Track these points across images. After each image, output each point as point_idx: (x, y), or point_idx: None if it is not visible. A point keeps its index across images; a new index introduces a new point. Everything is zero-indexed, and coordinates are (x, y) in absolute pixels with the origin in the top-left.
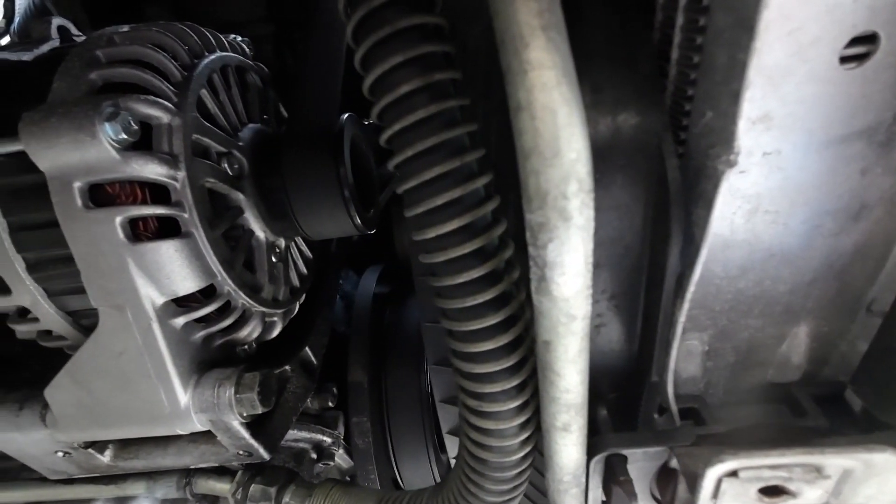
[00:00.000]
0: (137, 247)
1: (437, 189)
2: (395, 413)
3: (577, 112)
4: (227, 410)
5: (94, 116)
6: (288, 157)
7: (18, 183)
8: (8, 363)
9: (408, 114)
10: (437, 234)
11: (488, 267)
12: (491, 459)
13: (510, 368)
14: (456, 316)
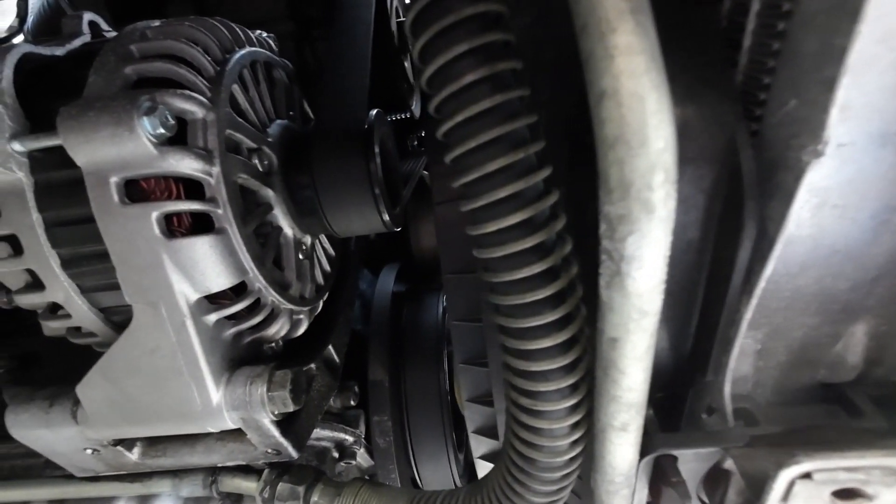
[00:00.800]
0: (173, 243)
1: (498, 182)
2: (415, 412)
3: (665, 99)
4: (259, 408)
5: (132, 111)
6: (318, 154)
7: (54, 178)
8: (33, 361)
9: (471, 104)
10: (498, 228)
11: (548, 263)
12: (540, 459)
13: (566, 367)
14: (512, 312)
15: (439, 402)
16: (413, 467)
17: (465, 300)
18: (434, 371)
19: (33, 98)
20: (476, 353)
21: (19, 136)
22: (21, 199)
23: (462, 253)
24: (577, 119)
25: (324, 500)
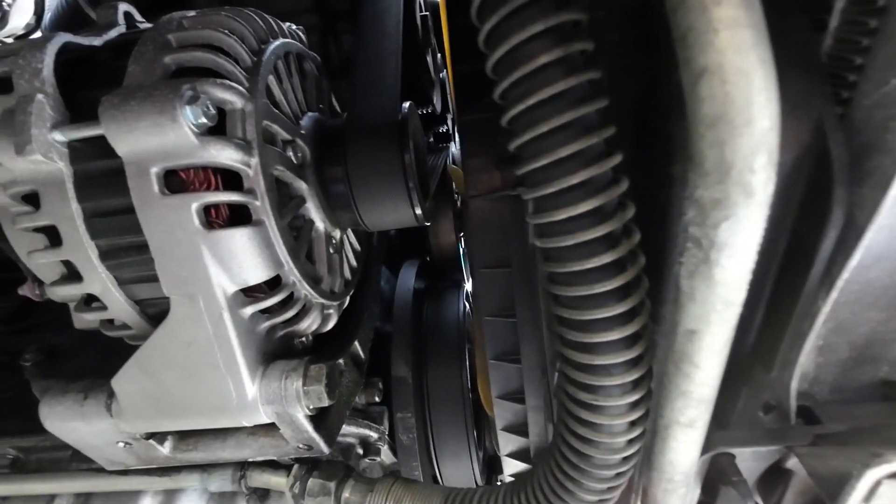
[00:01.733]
0: (212, 234)
1: (569, 168)
2: (437, 409)
3: (772, 76)
4: (294, 403)
5: (174, 100)
6: (352, 146)
7: (93, 168)
8: (59, 354)
9: (544, 86)
10: (568, 215)
11: (616, 253)
12: (596, 456)
13: (629, 362)
14: (575, 304)
15: (462, 400)
16: (434, 465)
17: (497, 295)
18: (456, 368)
19: (72, 88)
20: (508, 349)
21: (60, 126)
22: (61, 189)
23: (495, 247)
24: (643, 104)
25: (355, 497)
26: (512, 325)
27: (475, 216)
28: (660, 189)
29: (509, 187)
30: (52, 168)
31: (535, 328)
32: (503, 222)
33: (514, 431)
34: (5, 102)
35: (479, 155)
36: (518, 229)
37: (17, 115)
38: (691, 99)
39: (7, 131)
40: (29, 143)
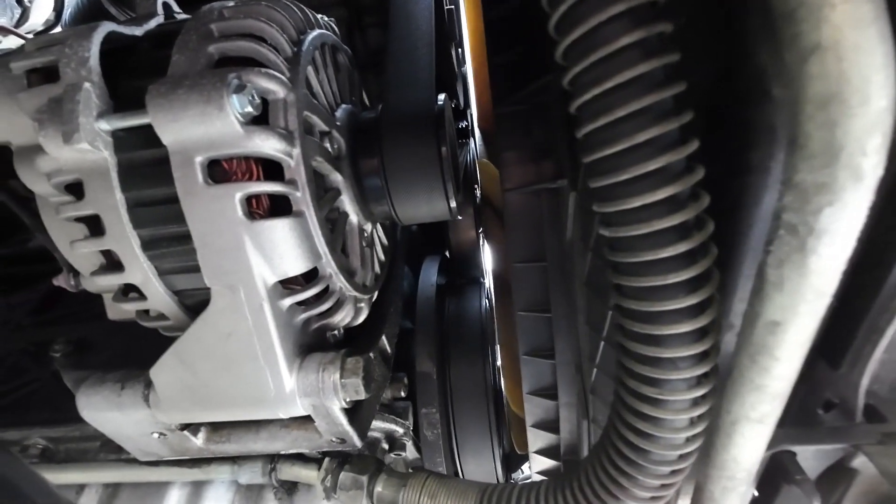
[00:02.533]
0: (254, 225)
1: (645, 155)
2: (460, 406)
3: (892, 52)
4: (332, 395)
5: (221, 88)
6: (388, 138)
7: (136, 158)
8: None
9: (623, 70)
10: (643, 203)
11: (689, 244)
12: (655, 452)
13: (697, 356)
14: (644, 295)
15: (485, 397)
16: (456, 461)
17: (531, 290)
18: (480, 365)
19: (115, 77)
20: (541, 345)
21: (105, 115)
22: (105, 178)
23: (530, 241)
24: (715, 90)
25: (388, 491)
26: (546, 320)
27: (510, 209)
28: (733, 178)
29: (546, 180)
30: (97, 157)
31: (570, 324)
32: (539, 216)
33: (544, 428)
34: (51, 91)
35: (514, 147)
36: (554, 223)
37: (65, 104)
38: (799, 78)
39: (55, 120)
40: (77, 132)
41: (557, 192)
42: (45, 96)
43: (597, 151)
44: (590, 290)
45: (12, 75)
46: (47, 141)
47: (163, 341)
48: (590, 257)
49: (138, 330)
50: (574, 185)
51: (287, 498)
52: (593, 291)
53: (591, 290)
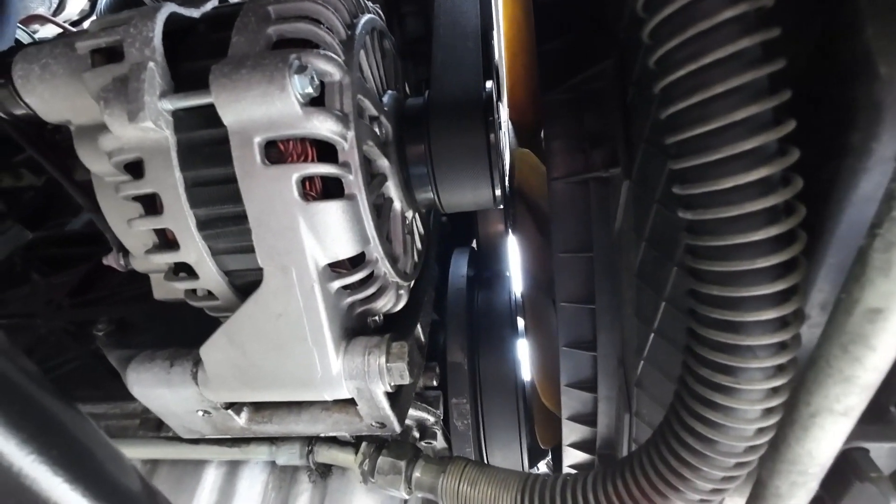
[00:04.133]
0: (310, 206)
1: (739, 134)
2: (489, 397)
3: None
4: (376, 379)
5: (284, 69)
6: (435, 124)
7: (195, 138)
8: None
9: (721, 46)
10: (735, 184)
11: (780, 228)
12: (723, 442)
13: (779, 345)
14: (727, 280)
15: (514, 389)
16: (483, 452)
17: (575, 281)
18: (509, 357)
19: (175, 58)
20: (581, 337)
21: (167, 95)
22: (166, 157)
23: (576, 232)
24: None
25: (427, 477)
26: (589, 312)
27: (556, 199)
28: (825, 161)
29: (596, 169)
30: (158, 136)
31: (614, 316)
32: (586, 206)
33: (580, 421)
34: (115, 71)
35: (563, 136)
36: (602, 213)
37: (131, 83)
38: None
39: (120, 98)
40: (142, 111)
41: (607, 181)
42: (109, 75)
43: (686, 131)
44: (641, 281)
45: (77, 55)
46: (112, 119)
47: (203, 322)
48: (643, 247)
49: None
50: (628, 173)
51: (321, 481)
52: (645, 282)
53: (643, 281)
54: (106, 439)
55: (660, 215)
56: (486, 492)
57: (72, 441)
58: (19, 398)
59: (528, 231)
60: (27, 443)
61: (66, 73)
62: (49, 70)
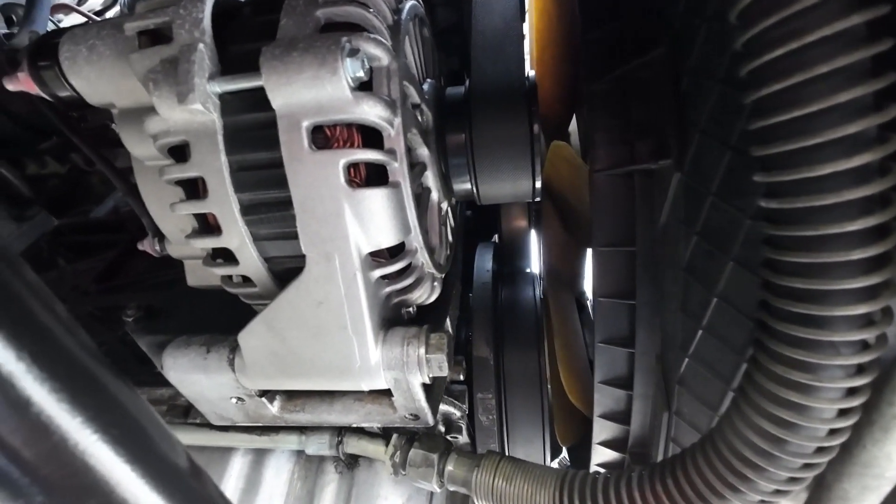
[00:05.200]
0: (356, 193)
1: (840, 118)
2: (514, 393)
3: None
4: (415, 370)
5: (336, 52)
6: (477, 113)
7: (241, 122)
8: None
9: (827, 23)
10: (831, 171)
11: (877, 219)
12: (793, 441)
13: (864, 342)
14: (814, 273)
15: (539, 385)
16: (506, 448)
17: (614, 276)
18: (534, 352)
19: (222, 40)
20: (618, 333)
21: (216, 77)
22: (212, 141)
23: (618, 225)
24: None
25: (460, 471)
26: (628, 307)
27: (598, 192)
28: None
29: (643, 161)
30: (205, 119)
31: (654, 312)
32: (629, 199)
33: (612, 419)
34: (163, 52)
35: (607, 127)
36: (646, 207)
37: (181, 64)
38: None
39: (169, 80)
40: (192, 92)
41: (652, 173)
42: (156, 57)
43: (779, 114)
44: (689, 275)
45: (124, 37)
46: (161, 101)
47: (232, 309)
48: (694, 241)
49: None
50: (679, 165)
51: (347, 472)
52: (694, 277)
53: (692, 275)
54: (156, 416)
55: (715, 208)
56: (523, 488)
57: (130, 420)
58: (84, 375)
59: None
60: (91, 421)
61: (113, 55)
62: (96, 51)
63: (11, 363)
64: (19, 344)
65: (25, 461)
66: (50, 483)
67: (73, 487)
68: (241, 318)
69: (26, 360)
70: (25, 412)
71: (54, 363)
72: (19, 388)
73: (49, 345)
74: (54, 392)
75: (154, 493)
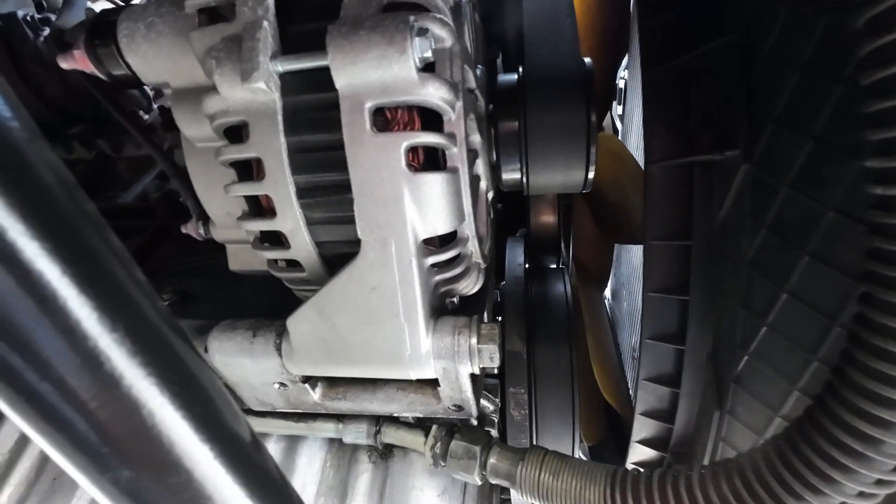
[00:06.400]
0: (416, 177)
1: None
2: (544, 389)
3: None
4: (466, 360)
5: (405, 31)
6: (533, 100)
7: (301, 102)
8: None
9: None
10: None
11: None
12: (889, 441)
13: None
14: None
15: (570, 382)
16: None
17: (667, 270)
18: (565, 349)
19: (283, 19)
20: (667, 330)
21: (278, 56)
22: (272, 121)
23: (673, 218)
24: None
25: (503, 464)
26: (679, 303)
27: (653, 184)
28: None
29: (703, 152)
30: (266, 99)
31: (708, 308)
32: (687, 191)
33: (655, 417)
34: (224, 30)
35: (664, 118)
36: (705, 200)
37: (245, 42)
38: None
39: (232, 58)
40: (256, 70)
41: (714, 164)
42: (217, 35)
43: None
44: (754, 271)
45: (184, 14)
46: (223, 79)
47: (268, 294)
48: (762, 235)
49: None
50: (748, 156)
51: (381, 461)
52: (760, 273)
53: (757, 271)
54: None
55: (790, 200)
56: (571, 483)
57: (206, 394)
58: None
59: (584, 221)
60: (176, 398)
61: (172, 33)
62: (155, 29)
63: (105, 338)
64: (114, 317)
65: (114, 437)
66: (136, 459)
67: (157, 464)
68: (277, 304)
69: (120, 333)
70: (116, 388)
71: (145, 336)
72: (113, 363)
73: (139, 316)
74: (143, 367)
75: (229, 474)
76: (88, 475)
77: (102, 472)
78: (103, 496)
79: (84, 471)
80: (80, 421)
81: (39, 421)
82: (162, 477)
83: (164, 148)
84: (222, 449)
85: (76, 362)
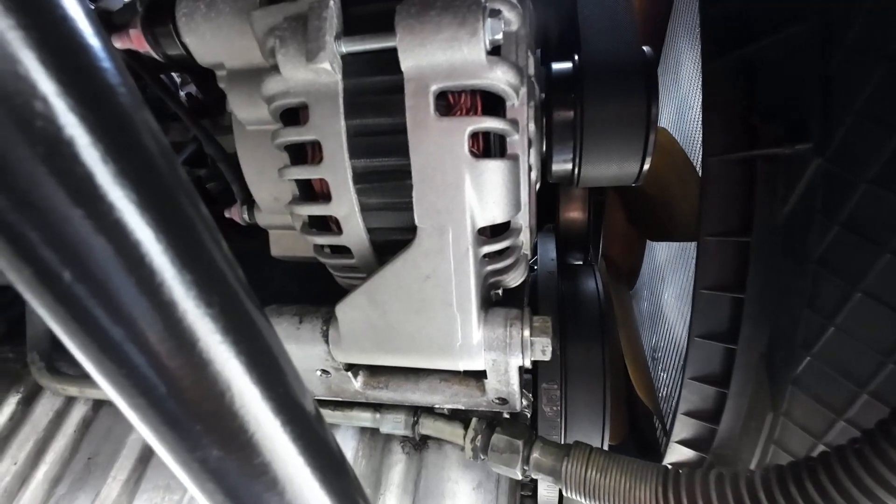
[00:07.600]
0: (478, 164)
1: None
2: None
3: None
4: (517, 352)
5: (478, 12)
6: (591, 90)
7: (362, 85)
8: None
9: None
10: None
11: None
12: None
13: None
14: None
15: (601, 380)
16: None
17: (722, 267)
18: (597, 346)
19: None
20: (718, 328)
21: (342, 37)
22: (333, 104)
23: (730, 214)
24: None
25: (547, 459)
26: (733, 301)
27: (711, 178)
28: None
29: (769, 145)
30: (328, 81)
31: (765, 307)
32: (748, 186)
33: (699, 417)
34: (288, 10)
35: (725, 110)
36: (768, 195)
37: (311, 21)
38: None
39: (297, 38)
40: (322, 50)
41: (778, 158)
42: (280, 14)
43: None
44: (823, 268)
45: None
46: (286, 59)
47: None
48: (835, 231)
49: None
50: (821, 150)
51: (415, 452)
52: (829, 271)
53: (826, 269)
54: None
55: (869, 196)
56: (620, 481)
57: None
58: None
59: (616, 217)
60: (261, 378)
61: (232, 12)
62: (215, 8)
63: (201, 316)
64: (210, 294)
65: (205, 416)
66: (225, 439)
67: (244, 444)
68: (315, 291)
69: (215, 310)
70: (207, 369)
71: (236, 314)
72: (206, 343)
73: (230, 293)
74: (234, 345)
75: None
76: (178, 454)
77: (192, 451)
78: (190, 478)
79: (174, 449)
80: (173, 399)
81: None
82: (248, 457)
83: (208, 132)
84: (300, 432)
85: (173, 342)
